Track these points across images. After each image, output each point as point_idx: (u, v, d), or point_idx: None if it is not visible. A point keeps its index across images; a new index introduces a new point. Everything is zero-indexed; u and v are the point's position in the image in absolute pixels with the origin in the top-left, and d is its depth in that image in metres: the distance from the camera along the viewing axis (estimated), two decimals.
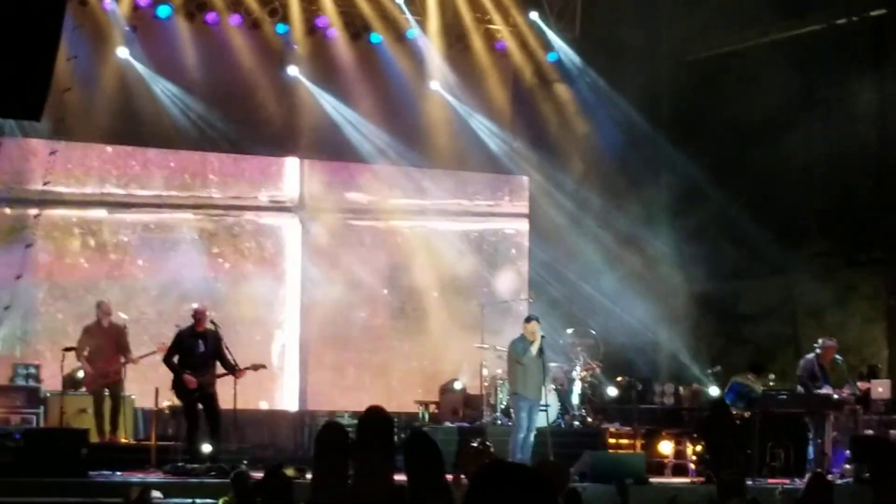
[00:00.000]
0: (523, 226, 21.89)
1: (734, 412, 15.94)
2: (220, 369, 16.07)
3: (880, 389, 17.85)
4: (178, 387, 15.91)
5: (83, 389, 17.20)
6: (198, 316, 16.16)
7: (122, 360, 16.76)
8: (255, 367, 16.37)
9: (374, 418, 5.64)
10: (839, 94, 20.12)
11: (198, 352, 15.97)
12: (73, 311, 18.77)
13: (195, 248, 19.96)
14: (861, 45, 19.97)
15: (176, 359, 15.98)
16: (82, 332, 17.01)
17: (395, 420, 19.83)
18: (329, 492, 5.46)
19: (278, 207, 20.68)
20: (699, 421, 17.82)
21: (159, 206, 19.93)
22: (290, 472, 14.35)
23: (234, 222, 20.37)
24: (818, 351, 17.25)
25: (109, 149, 19.71)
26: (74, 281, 19.21)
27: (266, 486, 5.14)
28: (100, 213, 19.63)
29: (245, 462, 15.09)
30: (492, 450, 18.89)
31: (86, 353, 16.74)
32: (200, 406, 15.88)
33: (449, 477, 11.50)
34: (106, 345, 16.82)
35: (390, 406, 20.53)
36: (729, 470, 4.42)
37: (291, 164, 20.76)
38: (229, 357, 16.03)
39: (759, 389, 16.59)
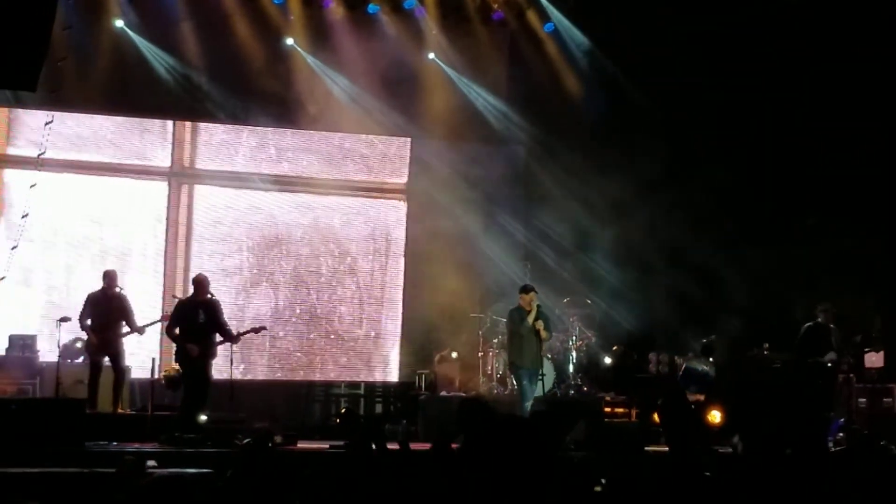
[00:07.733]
0: (518, 195, 21.82)
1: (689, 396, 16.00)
2: (220, 337, 16.12)
3: (873, 358, 17.97)
4: (183, 357, 15.94)
5: (80, 360, 17.18)
6: (198, 285, 16.16)
7: (127, 329, 16.62)
8: (256, 330, 16.46)
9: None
10: (839, 64, 20.03)
11: (198, 321, 15.97)
12: (67, 281, 18.77)
13: None
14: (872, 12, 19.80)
15: (178, 330, 16.02)
16: (86, 300, 16.72)
17: (392, 389, 20.14)
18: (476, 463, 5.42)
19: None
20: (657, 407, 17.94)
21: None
22: (278, 439, 14.51)
23: None
24: (819, 318, 17.40)
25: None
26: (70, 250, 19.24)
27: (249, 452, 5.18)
28: None
29: (240, 433, 15.16)
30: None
31: (89, 322, 16.53)
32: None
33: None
34: (110, 314, 16.59)
35: (391, 375, 20.70)
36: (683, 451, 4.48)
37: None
38: (228, 325, 16.10)
39: (712, 372, 16.72)
